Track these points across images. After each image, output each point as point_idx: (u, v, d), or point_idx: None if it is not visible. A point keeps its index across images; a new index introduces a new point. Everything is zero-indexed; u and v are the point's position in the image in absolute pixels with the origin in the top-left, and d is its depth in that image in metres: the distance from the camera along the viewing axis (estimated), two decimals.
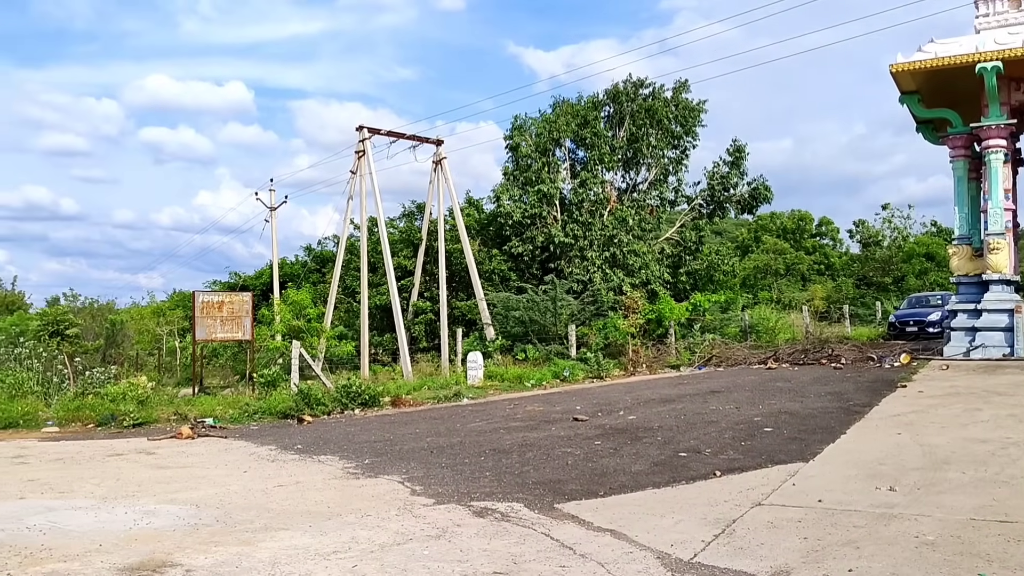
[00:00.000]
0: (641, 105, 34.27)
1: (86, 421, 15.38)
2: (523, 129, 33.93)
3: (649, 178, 35.15)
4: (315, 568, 5.67)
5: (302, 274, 39.72)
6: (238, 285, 40.63)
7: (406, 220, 37.07)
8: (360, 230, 29.94)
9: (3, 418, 14.94)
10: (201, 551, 6.14)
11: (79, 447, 12.55)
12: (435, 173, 29.84)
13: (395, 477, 9.27)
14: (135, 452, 11.87)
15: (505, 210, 32.84)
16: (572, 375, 21.67)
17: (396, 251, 32.23)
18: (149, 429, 14.61)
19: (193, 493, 8.52)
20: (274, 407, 16.13)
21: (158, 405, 16.52)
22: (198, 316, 20.88)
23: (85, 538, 6.60)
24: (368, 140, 27.83)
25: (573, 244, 31.77)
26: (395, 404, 17.43)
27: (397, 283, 27.79)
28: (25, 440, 13.54)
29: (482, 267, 30.79)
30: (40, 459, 11.29)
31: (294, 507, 7.78)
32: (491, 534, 6.57)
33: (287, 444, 12.30)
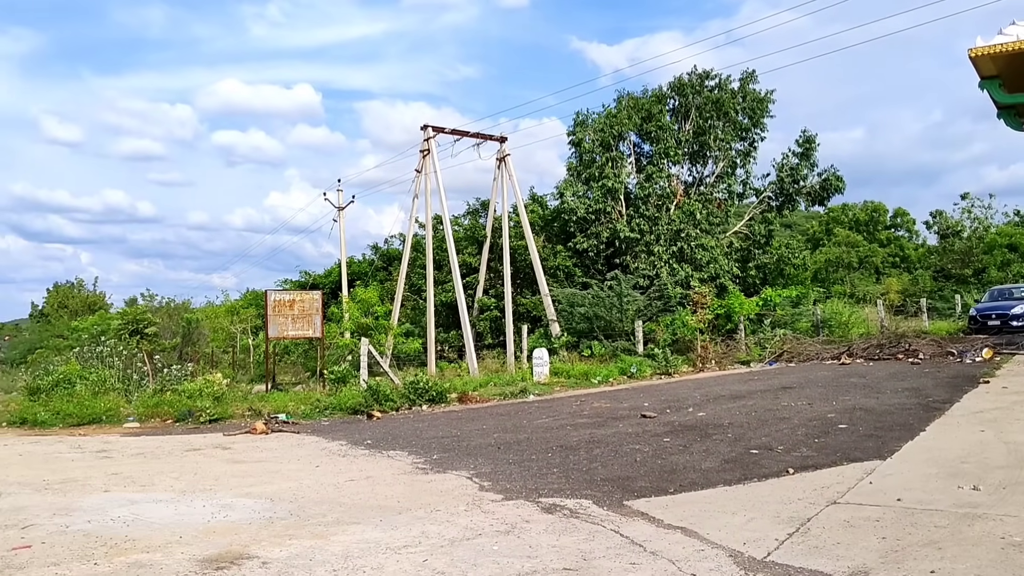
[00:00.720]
0: (707, 97, 33.76)
1: (165, 417, 15.86)
2: (585, 125, 33.75)
3: (716, 171, 34.62)
4: (386, 562, 5.74)
5: (369, 272, 40.26)
6: (308, 284, 41.40)
7: (470, 217, 37.29)
8: (425, 228, 30.21)
9: (87, 414, 15.51)
10: (276, 544, 6.27)
11: (159, 442, 12.95)
12: (499, 170, 29.90)
13: (463, 473, 9.32)
14: (212, 447, 12.20)
15: (569, 206, 32.73)
16: (639, 371, 21.50)
17: (461, 248, 32.43)
18: (225, 425, 15.00)
19: (268, 487, 8.71)
20: (344, 403, 16.39)
21: (233, 401, 16.94)
22: (270, 314, 21.35)
23: (166, 530, 6.80)
24: (432, 139, 28.03)
25: (639, 239, 31.49)
26: (462, 400, 17.54)
27: (462, 280, 27.93)
28: (108, 435, 14.04)
29: (546, 263, 30.75)
30: (122, 454, 11.69)
31: (365, 501, 7.88)
32: (560, 530, 6.55)
33: (357, 439, 12.49)
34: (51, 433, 14.41)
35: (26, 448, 12.45)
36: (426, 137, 28.19)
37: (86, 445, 12.66)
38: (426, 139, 28.17)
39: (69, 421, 15.19)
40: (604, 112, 34.17)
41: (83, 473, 9.88)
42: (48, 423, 15.11)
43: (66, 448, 12.36)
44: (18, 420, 15.47)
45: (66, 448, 12.36)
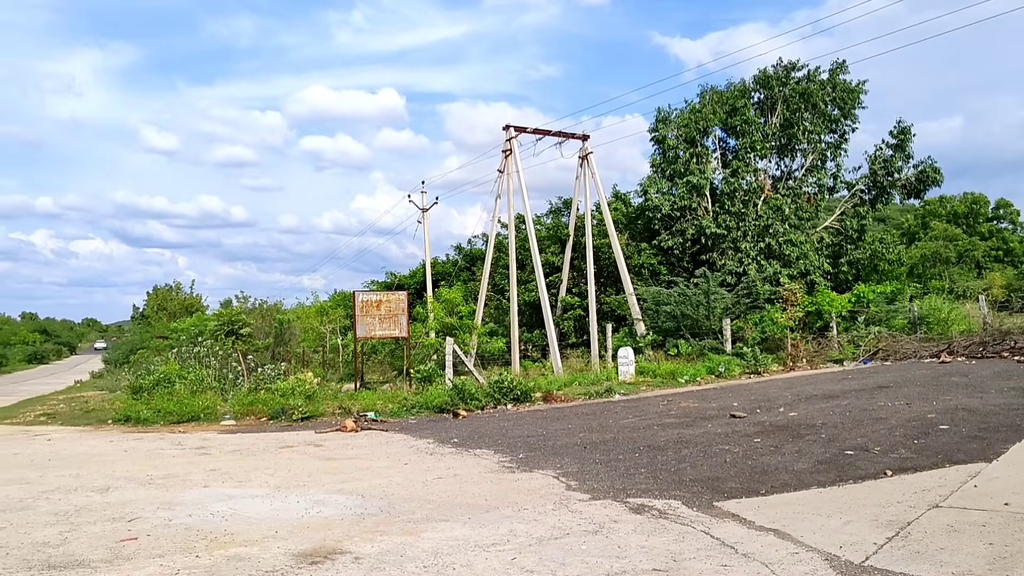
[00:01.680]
0: (794, 89, 32.83)
1: (259, 415, 16.35)
2: (668, 121, 33.26)
3: (805, 164, 33.63)
4: (475, 559, 5.77)
5: (453, 272, 40.62)
6: (394, 284, 42.06)
7: (553, 216, 37.18)
8: (508, 228, 30.29)
9: (186, 412, 16.12)
10: (368, 539, 6.38)
11: (254, 439, 13.35)
12: (581, 168, 29.75)
13: (550, 472, 9.31)
14: (304, 444, 12.52)
15: (653, 203, 32.32)
16: (728, 371, 21.08)
17: (544, 247, 32.40)
18: (316, 422, 15.36)
19: (358, 484, 8.88)
20: (430, 402, 16.58)
21: (323, 400, 17.33)
22: (358, 315, 21.76)
23: (262, 524, 7.00)
24: (515, 139, 28.08)
25: (725, 235, 30.87)
26: (546, 400, 17.52)
27: (545, 279, 27.87)
28: (206, 432, 14.56)
29: (631, 261, 30.44)
30: (220, 450, 12.10)
31: (453, 499, 7.95)
32: (649, 531, 6.47)
33: (444, 438, 12.61)
34: (153, 430, 15.03)
35: (131, 444, 13.02)
36: (508, 137, 28.25)
37: (186, 442, 13.16)
38: (508, 139, 28.23)
39: (170, 419, 15.82)
40: (687, 107, 33.63)
41: (184, 469, 10.27)
42: (150, 420, 15.77)
43: (167, 445, 12.87)
44: (123, 417, 16.19)
45: (167, 445, 12.87)
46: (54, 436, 14.35)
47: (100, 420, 16.47)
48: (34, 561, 5.92)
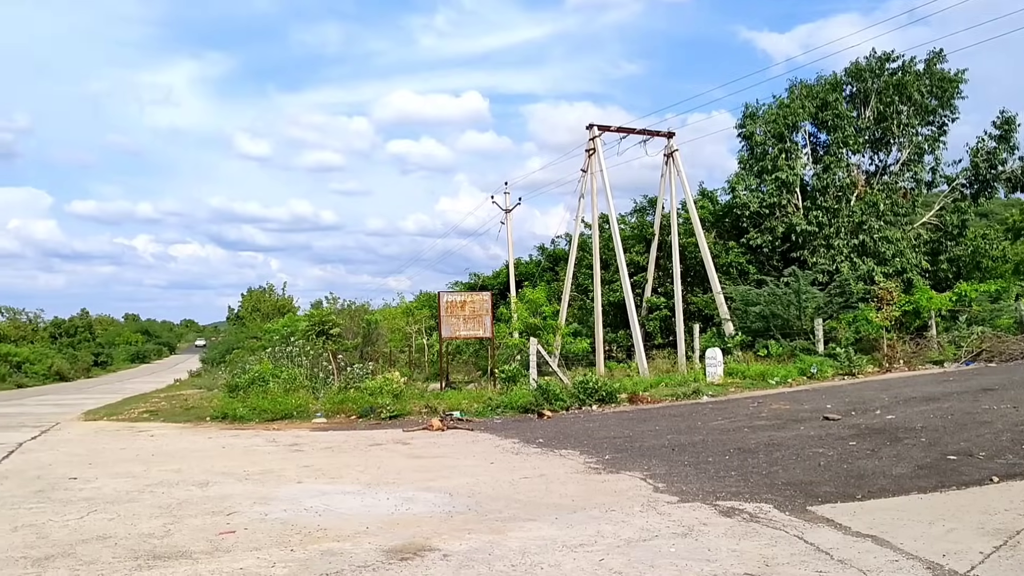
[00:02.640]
0: (888, 81, 31.64)
1: (349, 413, 16.70)
2: (756, 116, 32.51)
3: (901, 158, 32.38)
4: (563, 559, 5.75)
5: (536, 273, 40.63)
6: (477, 285, 42.37)
7: (637, 215, 36.79)
8: (592, 228, 30.12)
9: (280, 410, 16.60)
10: (456, 537, 6.44)
11: (344, 436, 13.65)
12: (666, 166, 29.37)
13: (637, 473, 9.22)
14: (392, 442, 12.73)
15: (741, 200, 31.65)
16: (820, 372, 20.49)
17: (628, 247, 32.07)
18: (403, 421, 15.60)
19: (446, 482, 8.97)
20: (515, 402, 16.63)
21: (410, 399, 17.59)
22: (443, 315, 22.02)
23: (354, 520, 7.15)
24: (598, 138, 27.91)
25: (817, 233, 29.99)
26: (632, 401, 17.37)
27: (630, 279, 27.60)
28: (299, 430, 14.96)
29: (718, 260, 29.88)
30: (312, 447, 12.41)
31: (539, 499, 7.95)
32: (740, 534, 6.34)
33: (529, 438, 12.63)
34: (248, 427, 15.52)
35: (228, 441, 13.47)
36: (591, 136, 28.10)
37: (280, 439, 13.55)
38: (591, 138, 28.08)
39: (264, 416, 16.31)
40: (775, 102, 32.80)
41: (278, 465, 10.57)
42: (246, 418, 16.29)
43: (262, 441, 13.27)
44: (220, 415, 16.78)
45: (262, 441, 13.27)
46: (156, 432, 14.97)
47: (199, 417, 17.10)
48: (140, 551, 6.19)
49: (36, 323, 74.09)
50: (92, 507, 7.90)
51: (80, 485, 9.22)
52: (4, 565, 5.89)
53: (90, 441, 13.84)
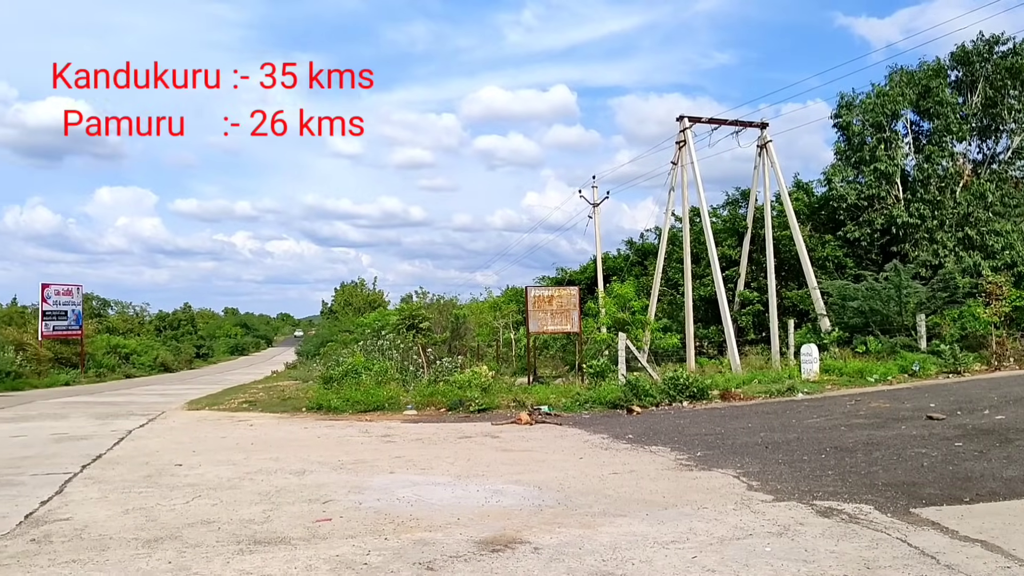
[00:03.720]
0: (998, 64, 30.06)
1: (438, 406, 16.92)
2: (853, 105, 31.40)
3: (1012, 146, 30.72)
4: (654, 556, 5.69)
5: (624, 267, 40.25)
6: (564, 280, 42.26)
7: (729, 208, 36.02)
8: (682, 221, 29.65)
9: (372, 401, 16.95)
10: (546, 531, 6.45)
11: (434, 429, 13.84)
12: (759, 158, 28.65)
13: (729, 471, 9.05)
14: (481, 435, 12.83)
15: (838, 192, 30.65)
16: (922, 369, 19.67)
17: (720, 240, 31.45)
18: (491, 414, 15.71)
19: (535, 476, 8.99)
20: (603, 397, 16.54)
21: (498, 392, 17.70)
22: (530, 310, 22.08)
23: (445, 511, 7.23)
24: (688, 129, 27.43)
25: (919, 225, 28.78)
26: (724, 397, 17.04)
27: (722, 273, 27.04)
28: (390, 421, 15.24)
29: (813, 254, 29.01)
30: (403, 438, 12.62)
31: (629, 495, 7.89)
32: (838, 535, 6.14)
33: (618, 433, 12.55)
34: (342, 418, 15.90)
35: (323, 431, 13.83)
36: (682, 128, 27.64)
37: (372, 430, 13.83)
38: (682, 130, 27.63)
39: (357, 408, 16.68)
40: (873, 91, 31.57)
41: (371, 455, 10.79)
42: (339, 409, 16.70)
43: (355, 432, 13.58)
44: (315, 406, 17.24)
45: (355, 432, 13.58)
46: (255, 422, 15.49)
47: (295, 408, 17.61)
48: (242, 536, 6.41)
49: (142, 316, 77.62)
50: (196, 492, 8.23)
51: (185, 471, 9.61)
52: (118, 545, 6.19)
53: (193, 429, 14.42)
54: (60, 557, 5.86)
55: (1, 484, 8.89)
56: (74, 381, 34.59)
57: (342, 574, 5.36)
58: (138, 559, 5.77)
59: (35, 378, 32.70)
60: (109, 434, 13.54)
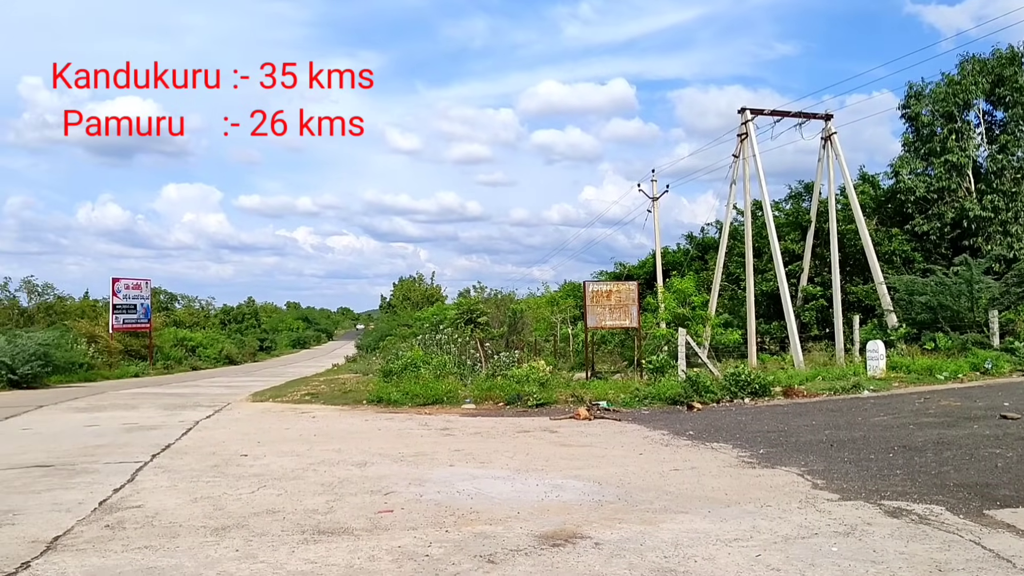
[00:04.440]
0: None
1: (496, 400, 16.97)
2: (922, 95, 30.55)
3: None
4: (717, 553, 5.62)
5: (684, 262, 39.82)
6: (623, 275, 41.96)
7: (792, 202, 35.37)
8: (744, 215, 29.21)
9: (431, 395, 17.08)
10: (606, 526, 6.41)
11: (492, 423, 13.89)
12: (824, 150, 28.05)
13: (793, 469, 8.88)
14: (539, 430, 12.83)
15: (905, 185, 29.87)
16: (996, 367, 19.03)
17: (782, 235, 30.90)
18: (550, 409, 15.69)
19: (594, 471, 8.95)
20: (663, 393, 16.39)
21: (556, 387, 17.67)
22: (588, 305, 22.00)
23: (504, 505, 7.25)
24: (750, 122, 26.99)
25: (992, 218, 27.87)
26: (787, 394, 16.74)
27: (785, 268, 26.58)
28: (449, 415, 15.34)
29: (880, 248, 28.31)
30: (462, 432, 12.69)
31: (691, 491, 7.80)
32: (908, 536, 5.98)
33: (678, 430, 12.42)
34: (402, 411, 16.06)
35: (383, 424, 14.00)
36: (743, 120, 27.22)
37: (431, 423, 13.94)
38: (743, 122, 27.21)
39: (416, 401, 16.83)
40: (944, 80, 30.66)
41: (430, 448, 10.88)
42: (399, 402, 16.87)
43: (415, 425, 13.70)
44: (375, 399, 17.45)
45: (415, 425, 13.70)
46: (318, 414, 15.75)
47: (356, 400, 17.85)
48: (306, 526, 6.52)
49: (208, 310, 79.68)
50: (261, 483, 8.40)
51: (250, 461, 9.82)
52: (188, 532, 6.35)
53: (258, 420, 14.73)
54: (133, 543, 6.03)
55: (77, 471, 9.20)
56: (143, 373, 35.65)
57: (404, 566, 5.41)
58: (207, 547, 5.92)
59: (106, 369, 33.80)
60: (177, 424, 13.91)
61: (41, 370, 25.74)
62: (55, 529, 6.44)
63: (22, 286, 42.56)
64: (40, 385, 25.44)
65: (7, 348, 25.03)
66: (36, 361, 25.32)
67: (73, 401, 19.12)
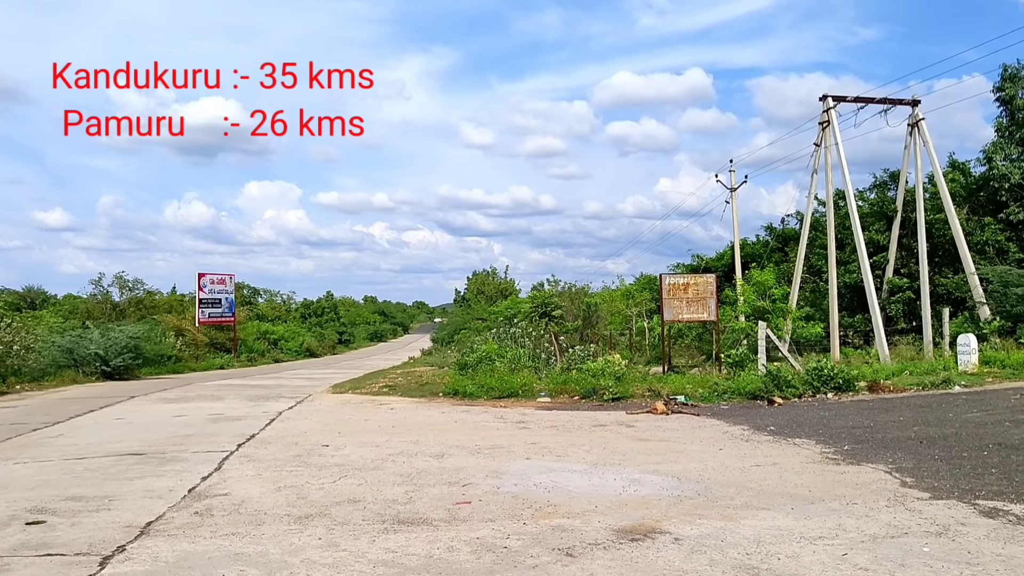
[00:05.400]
0: None
1: (571, 394, 16.92)
2: (1017, 78, 29.14)
3: None
4: (801, 551, 5.48)
5: (763, 254, 38.95)
6: (700, 267, 41.29)
7: (877, 191, 34.18)
8: (826, 205, 28.40)
9: (506, 388, 17.14)
10: (686, 521, 6.32)
11: (568, 416, 13.85)
12: (910, 137, 26.99)
13: (880, 466, 8.61)
14: (616, 424, 12.74)
15: (999, 172, 28.57)
16: None
17: (866, 225, 29.92)
18: (626, 403, 15.56)
19: (673, 466, 8.84)
20: (742, 387, 16.08)
21: (632, 381, 17.50)
22: (665, 298, 21.73)
23: (582, 498, 7.22)
24: (832, 109, 26.19)
25: None
26: (872, 389, 16.23)
27: (869, 259, 25.71)
28: (524, 408, 15.36)
29: (971, 238, 27.15)
30: (538, 425, 12.70)
31: (773, 488, 7.63)
32: (1005, 538, 5.72)
33: (759, 425, 12.17)
34: (477, 404, 16.15)
35: (459, 416, 14.11)
36: (825, 108, 26.43)
37: (506, 416, 13.99)
38: (825, 110, 26.42)
39: (491, 394, 16.91)
40: None
41: (507, 441, 10.91)
42: (475, 395, 16.98)
43: (491, 418, 13.77)
44: (451, 391, 17.60)
45: (491, 418, 13.77)
46: (395, 406, 15.97)
47: (432, 393, 18.04)
48: (386, 516, 6.61)
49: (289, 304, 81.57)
50: (343, 473, 8.55)
51: (331, 452, 10.01)
52: (272, 520, 6.51)
53: (338, 412, 15.02)
54: (221, 530, 6.22)
55: (167, 460, 9.54)
56: (228, 365, 36.79)
57: (483, 557, 5.44)
58: (291, 535, 6.05)
59: (193, 362, 34.97)
60: (261, 415, 14.29)
61: (132, 362, 26.80)
62: (148, 515, 6.69)
63: (114, 281, 44.22)
64: (131, 376, 26.49)
65: (101, 341, 26.13)
66: (128, 354, 26.37)
67: (162, 392, 19.85)
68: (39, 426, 13.07)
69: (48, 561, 5.43)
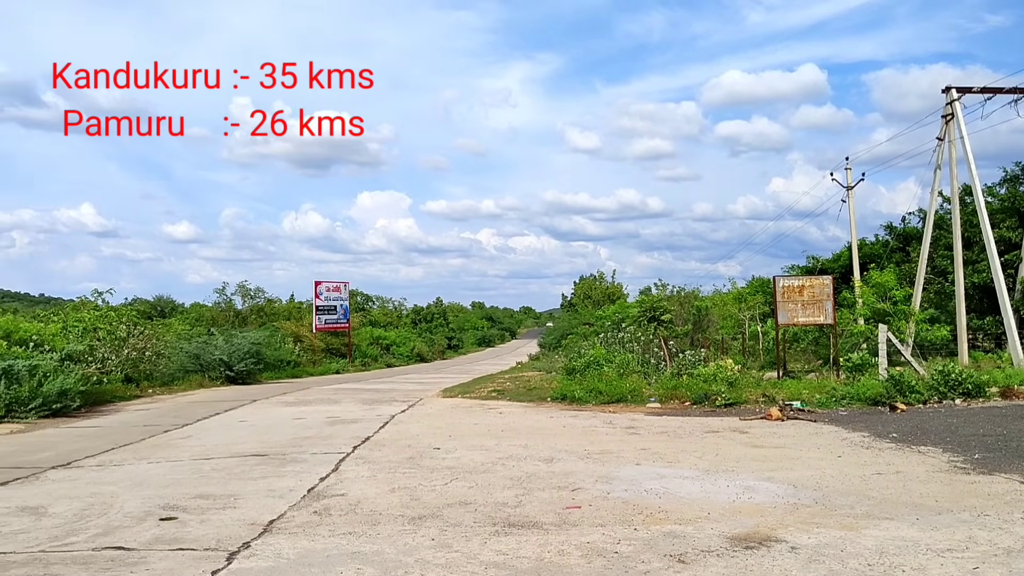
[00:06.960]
0: None
1: (682, 399, 16.66)
2: None
3: None
4: (927, 563, 5.23)
5: (883, 254, 37.35)
6: (815, 269, 39.95)
7: (1007, 186, 32.25)
8: (951, 202, 27.00)
9: (614, 393, 17.02)
10: (803, 530, 6.13)
11: (679, 422, 13.64)
12: None
13: (1015, 476, 8.13)
14: (728, 430, 12.47)
15: None
16: None
17: (997, 222, 28.30)
18: (739, 409, 15.21)
19: (788, 473, 8.59)
20: (862, 393, 15.47)
21: (745, 387, 17.10)
22: (779, 301, 21.13)
23: (694, 505, 7.10)
24: (957, 101, 24.86)
25: None
26: (1004, 395, 15.33)
27: (1000, 258, 24.31)
28: (633, 413, 15.23)
29: None
30: (648, 431, 12.56)
31: (896, 497, 7.31)
32: None
33: (880, 432, 11.69)
34: (585, 409, 16.11)
35: (567, 421, 14.10)
36: (949, 100, 25.11)
37: (615, 421, 13.89)
38: (949, 102, 25.11)
39: (600, 399, 16.83)
40: None
41: (616, 446, 10.84)
42: (583, 400, 16.94)
43: (599, 423, 13.70)
44: (559, 396, 17.62)
45: (599, 423, 13.70)
46: (504, 410, 16.10)
47: (540, 398, 18.10)
48: (496, 518, 6.69)
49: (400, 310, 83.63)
50: (454, 475, 8.70)
51: (443, 455, 10.19)
52: (387, 521, 6.69)
53: (448, 415, 15.26)
54: (338, 529, 6.43)
55: (287, 461, 9.93)
56: (343, 369, 37.95)
57: (593, 562, 5.43)
58: (405, 535, 6.20)
59: (310, 367, 36.25)
60: (375, 418, 14.67)
61: (254, 367, 27.99)
62: (270, 513, 6.98)
63: (237, 290, 46.39)
64: (253, 381, 27.68)
65: (225, 347, 27.40)
66: (250, 359, 27.55)
67: (282, 396, 20.66)
68: (170, 428, 13.82)
69: (180, 555, 5.74)
